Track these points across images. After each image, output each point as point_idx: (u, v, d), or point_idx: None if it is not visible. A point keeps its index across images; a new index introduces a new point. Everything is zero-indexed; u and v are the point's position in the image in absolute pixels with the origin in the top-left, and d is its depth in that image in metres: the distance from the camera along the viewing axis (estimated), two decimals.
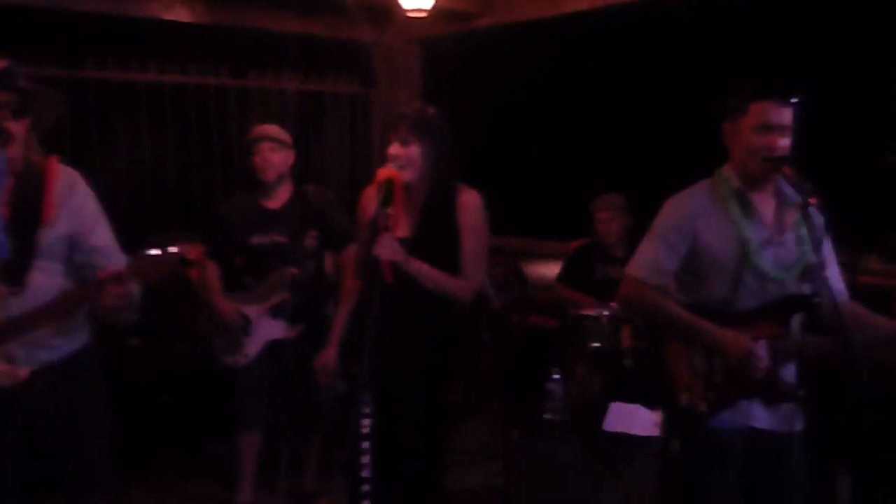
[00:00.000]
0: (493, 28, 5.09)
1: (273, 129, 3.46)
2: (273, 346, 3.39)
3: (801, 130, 2.31)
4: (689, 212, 2.37)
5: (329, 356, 2.97)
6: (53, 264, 2.33)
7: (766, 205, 2.35)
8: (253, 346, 3.38)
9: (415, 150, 2.66)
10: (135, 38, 4.70)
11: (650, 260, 2.39)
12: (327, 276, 3.54)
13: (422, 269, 2.67)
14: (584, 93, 4.82)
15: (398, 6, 4.32)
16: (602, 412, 3.77)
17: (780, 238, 2.33)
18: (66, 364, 2.38)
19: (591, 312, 4.11)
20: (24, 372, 2.25)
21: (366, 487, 2.76)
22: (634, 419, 3.65)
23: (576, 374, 4.19)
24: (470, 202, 2.71)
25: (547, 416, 4.00)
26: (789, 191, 2.30)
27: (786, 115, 2.25)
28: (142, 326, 3.97)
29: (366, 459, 2.73)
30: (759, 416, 2.33)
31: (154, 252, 2.18)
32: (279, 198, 3.43)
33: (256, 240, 3.36)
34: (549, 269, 4.70)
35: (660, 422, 3.38)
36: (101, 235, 2.40)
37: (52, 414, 2.38)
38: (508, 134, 5.16)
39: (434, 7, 4.35)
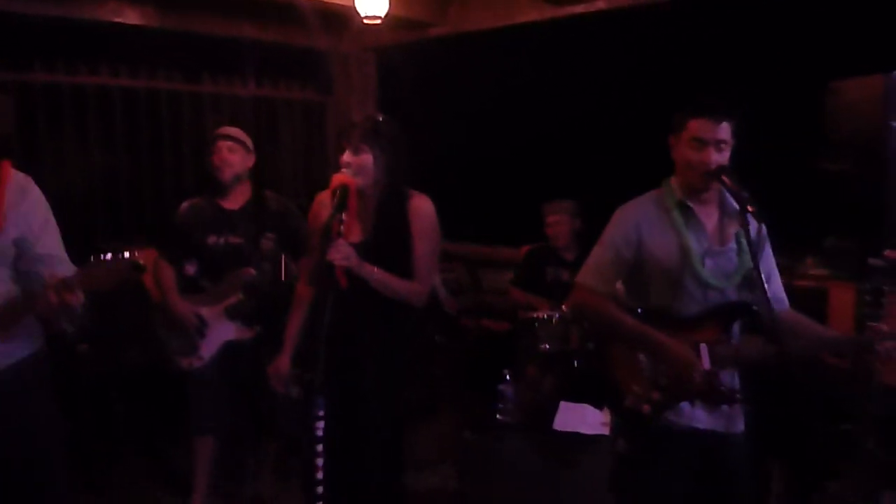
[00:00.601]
0: (447, 37, 5.17)
1: (234, 130, 3.47)
2: (229, 348, 3.38)
3: (741, 140, 2.43)
4: (636, 221, 2.47)
5: (282, 363, 2.95)
6: (3, 269, 2.30)
7: (708, 215, 2.46)
8: (208, 348, 3.36)
9: (367, 158, 2.71)
10: (84, 42, 4.64)
11: (598, 268, 2.49)
12: (284, 280, 3.54)
13: (374, 274, 2.71)
14: (536, 101, 4.93)
15: (354, 13, 4.35)
16: (553, 412, 3.86)
17: (722, 248, 2.44)
18: (15, 372, 2.34)
19: (542, 315, 4.20)
20: None
21: (320, 490, 2.79)
22: (583, 418, 3.75)
23: (527, 376, 4.27)
24: (422, 207, 2.77)
25: (499, 416, 4.07)
26: (731, 201, 2.40)
27: (721, 131, 2.35)
28: (91, 332, 3.91)
29: (320, 462, 2.76)
30: (701, 418, 2.42)
31: (106, 258, 2.17)
32: (237, 199, 3.43)
33: (212, 240, 3.35)
34: (502, 275, 4.78)
35: (608, 421, 3.48)
36: (49, 244, 2.37)
37: (4, 425, 2.32)
38: (463, 141, 5.23)
39: (389, 15, 4.40)
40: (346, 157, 2.72)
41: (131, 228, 4.87)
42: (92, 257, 2.17)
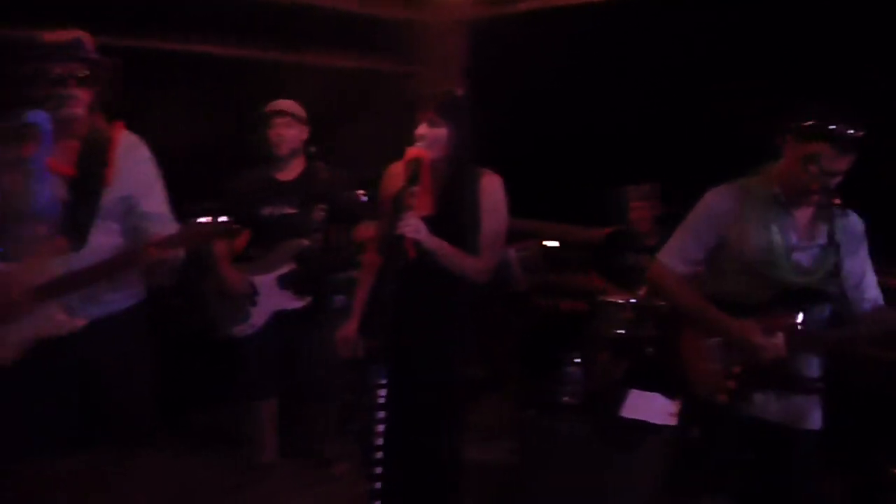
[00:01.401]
0: (537, 11, 5.07)
1: (289, 104, 3.54)
2: (279, 317, 3.44)
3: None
4: (724, 208, 2.45)
5: (350, 329, 3.00)
6: (112, 224, 2.47)
7: (802, 211, 2.41)
8: (259, 316, 3.43)
9: (441, 132, 2.72)
10: (196, 12, 4.77)
11: (678, 248, 2.51)
12: (334, 250, 3.59)
13: (441, 248, 2.72)
14: (629, 78, 4.77)
15: None
16: (621, 398, 3.80)
17: (811, 243, 2.39)
18: (119, 318, 2.52)
19: (618, 299, 4.13)
20: (79, 322, 2.39)
21: (378, 455, 2.85)
22: (652, 407, 3.67)
23: (598, 360, 4.22)
24: (491, 185, 2.77)
25: (564, 398, 4.05)
26: (829, 201, 2.34)
27: (842, 164, 2.28)
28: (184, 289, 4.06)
29: (380, 429, 2.82)
30: (773, 410, 2.39)
31: (204, 220, 2.36)
32: (291, 171, 3.52)
33: (267, 211, 3.44)
34: (579, 255, 4.72)
35: (676, 411, 3.41)
36: (154, 202, 2.53)
37: (104, 365, 2.51)
38: (549, 117, 5.14)
39: None
40: (422, 129, 2.74)
41: (209, 193, 5.02)
42: (190, 219, 2.37)
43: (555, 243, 4.89)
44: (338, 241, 3.58)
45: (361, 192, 3.83)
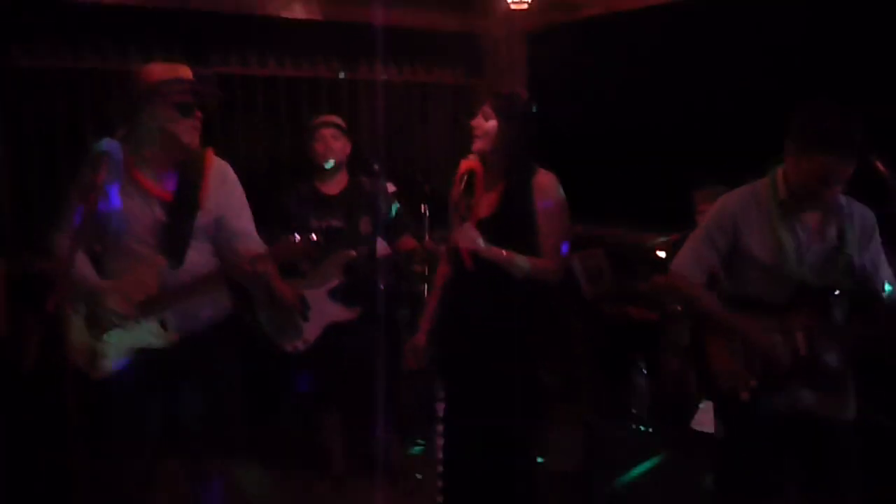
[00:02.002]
0: (598, 18, 5.03)
1: (335, 118, 3.61)
2: (332, 330, 3.49)
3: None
4: (734, 215, 2.47)
5: (418, 339, 3.03)
6: (204, 244, 2.65)
7: (812, 212, 2.42)
8: (312, 331, 3.48)
9: (492, 125, 2.76)
10: (253, 35, 4.98)
11: (693, 255, 2.54)
12: (380, 261, 3.63)
13: (501, 256, 2.74)
14: (692, 83, 4.68)
15: None
16: (692, 410, 3.71)
17: (823, 244, 2.39)
18: (210, 333, 2.68)
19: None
20: (173, 336, 2.56)
21: (440, 469, 2.88)
22: None
23: (670, 370, 4.12)
24: (545, 183, 2.79)
25: (633, 409, 3.98)
26: (836, 199, 2.40)
27: (847, 172, 2.27)
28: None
29: (441, 442, 2.85)
30: (806, 401, 2.40)
31: (296, 237, 2.55)
32: (337, 184, 3.58)
33: (315, 224, 3.50)
34: (648, 262, 4.62)
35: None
36: (244, 222, 2.72)
37: (194, 378, 2.66)
38: (612, 124, 5.08)
39: None
40: (476, 121, 2.79)
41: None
42: (284, 236, 2.58)
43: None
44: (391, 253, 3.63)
45: (423, 206, 3.88)
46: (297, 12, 4.91)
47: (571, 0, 4.97)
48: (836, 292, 2.41)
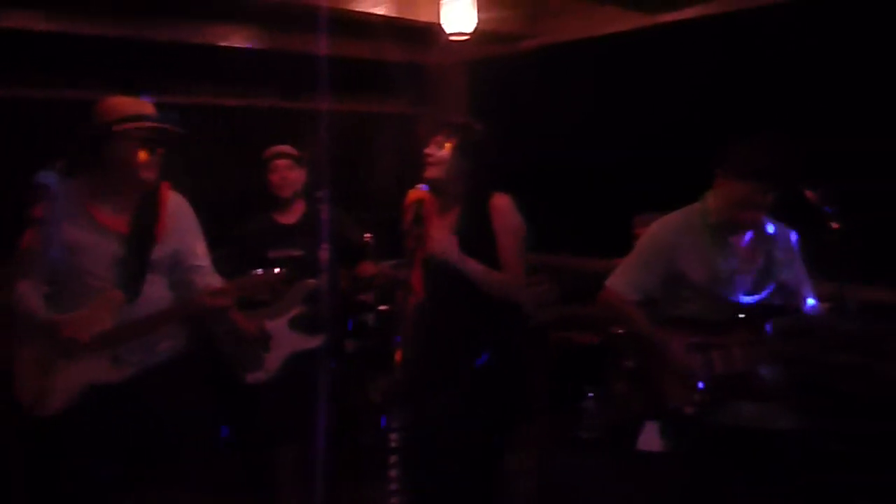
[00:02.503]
0: (537, 49, 5.16)
1: (289, 148, 3.60)
2: (294, 359, 3.46)
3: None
4: (669, 240, 2.61)
5: (388, 380, 3.02)
6: (161, 278, 2.64)
7: (741, 235, 2.57)
8: (274, 361, 3.45)
9: (446, 154, 2.79)
10: (192, 64, 4.92)
11: (628, 275, 2.67)
12: (342, 289, 3.63)
13: (472, 266, 2.75)
14: (626, 111, 4.84)
15: (442, 30, 4.42)
16: (638, 431, 3.77)
17: (752, 265, 2.57)
18: (167, 367, 2.66)
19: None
20: (125, 372, 2.54)
21: (394, 500, 2.84)
22: None
23: (615, 393, 4.19)
24: (502, 204, 2.83)
25: (582, 433, 4.02)
26: (763, 223, 2.56)
27: (767, 198, 2.46)
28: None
29: (394, 473, 2.82)
30: (747, 415, 2.52)
31: (259, 272, 2.60)
32: (294, 213, 3.57)
33: (273, 254, 3.48)
34: (591, 287, 4.71)
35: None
36: (200, 256, 2.72)
37: (149, 413, 2.61)
38: (551, 152, 5.20)
39: (478, 29, 4.44)
40: (429, 149, 2.82)
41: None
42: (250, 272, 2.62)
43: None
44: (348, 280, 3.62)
45: (368, 235, 3.89)
46: (237, 41, 4.88)
47: (510, 32, 5.07)
48: (771, 310, 2.54)
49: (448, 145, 2.81)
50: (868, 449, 2.80)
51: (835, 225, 2.31)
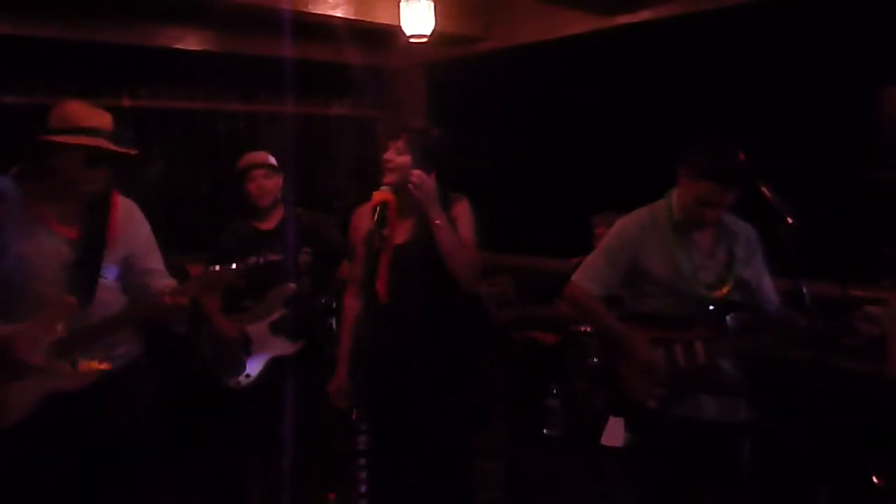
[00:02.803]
0: (494, 51, 5.21)
1: (263, 156, 3.58)
2: (275, 363, 3.46)
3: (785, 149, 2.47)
4: (634, 236, 2.65)
5: (339, 377, 2.98)
6: (113, 282, 2.61)
7: (703, 232, 2.64)
8: (255, 366, 3.45)
9: (406, 160, 2.80)
10: (147, 67, 4.85)
11: (593, 271, 2.68)
12: (324, 292, 3.63)
13: (442, 222, 2.73)
14: (583, 113, 4.92)
15: (401, 32, 4.44)
16: (602, 427, 3.84)
17: (713, 260, 2.62)
18: (125, 371, 2.62)
19: (590, 328, 4.18)
20: (87, 377, 2.49)
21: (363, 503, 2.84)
22: None
23: (576, 390, 4.25)
24: (460, 211, 2.84)
25: (546, 431, 4.07)
26: (724, 220, 2.63)
27: (728, 197, 2.52)
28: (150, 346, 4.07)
29: (364, 476, 2.82)
30: (708, 408, 2.57)
31: (215, 268, 2.56)
32: (272, 219, 3.56)
33: (253, 260, 3.46)
34: (550, 286, 4.77)
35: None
36: (152, 259, 2.70)
37: (111, 417, 2.58)
38: (509, 153, 5.26)
39: (436, 32, 4.47)
40: (388, 154, 2.82)
41: (189, 242, 5.03)
42: (206, 267, 2.59)
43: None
44: (325, 282, 3.62)
45: None
46: (192, 43, 4.82)
47: (468, 34, 5.12)
48: (732, 305, 2.59)
49: (406, 150, 2.81)
50: (823, 442, 2.89)
51: (790, 220, 2.38)
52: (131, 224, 2.67)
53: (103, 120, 2.52)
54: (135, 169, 4.85)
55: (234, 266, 2.56)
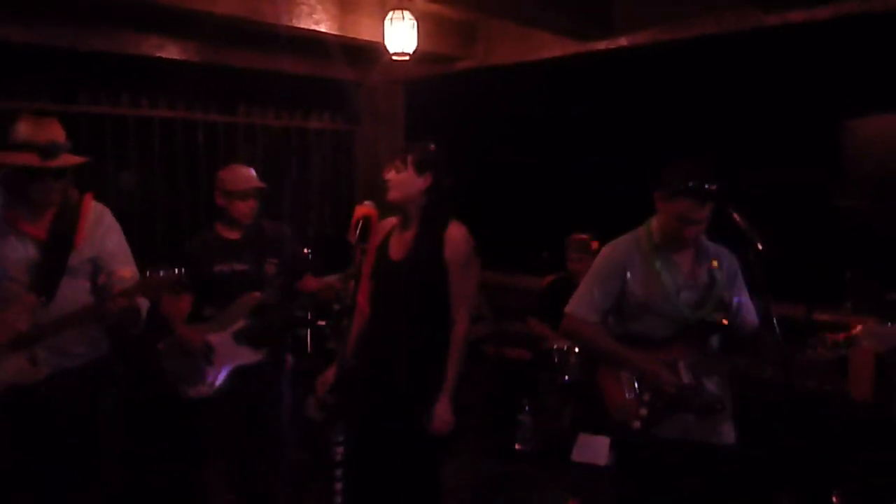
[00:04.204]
0: (473, 70, 5.30)
1: (255, 179, 3.56)
2: (237, 373, 3.44)
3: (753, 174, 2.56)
4: (620, 260, 2.72)
5: (329, 374, 2.97)
6: (79, 282, 2.71)
7: (683, 255, 2.71)
8: (217, 375, 3.42)
9: (405, 177, 2.86)
10: (127, 75, 4.84)
11: (586, 299, 2.74)
12: (296, 305, 3.65)
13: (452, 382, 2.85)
14: (558, 133, 5.02)
15: (383, 49, 4.49)
16: (571, 443, 3.90)
17: (695, 282, 2.69)
18: (87, 371, 2.71)
19: (562, 346, 4.25)
20: (41, 372, 2.59)
21: None
22: (600, 450, 3.78)
23: (547, 406, 4.32)
24: (455, 236, 2.88)
25: (517, 446, 4.13)
26: (704, 241, 2.72)
27: (704, 212, 2.60)
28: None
29: (338, 486, 2.84)
30: (692, 429, 2.61)
31: (158, 272, 2.59)
32: (239, 229, 3.57)
33: (218, 268, 3.47)
34: (522, 303, 4.84)
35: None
36: (120, 262, 2.77)
37: (70, 416, 2.67)
38: (485, 171, 5.33)
39: (417, 50, 4.53)
40: (388, 173, 2.89)
41: (167, 251, 5.01)
42: (147, 272, 2.62)
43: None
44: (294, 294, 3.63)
45: (306, 249, 3.90)
46: (173, 53, 4.82)
47: (448, 53, 5.19)
48: (714, 326, 2.67)
49: (406, 167, 2.86)
50: (789, 459, 2.97)
51: (759, 246, 2.46)
52: (100, 228, 2.75)
53: (41, 134, 2.59)
54: (112, 176, 4.88)
55: (177, 271, 2.60)
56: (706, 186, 2.53)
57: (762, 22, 3.78)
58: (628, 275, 2.67)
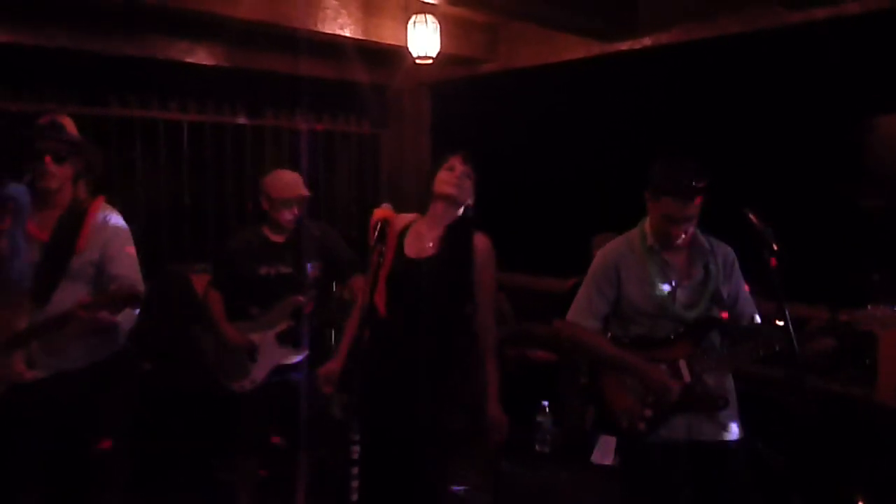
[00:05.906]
0: (497, 73, 5.31)
1: (294, 187, 3.58)
2: (279, 372, 3.54)
3: (776, 176, 2.53)
4: (615, 264, 2.74)
5: (333, 366, 3.02)
6: (80, 286, 2.71)
7: (677, 254, 2.72)
8: (259, 372, 3.53)
9: (469, 184, 2.92)
10: (157, 80, 4.94)
11: (584, 306, 2.76)
12: (333, 306, 3.72)
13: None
14: (582, 134, 5.01)
15: (406, 52, 4.53)
16: (592, 445, 3.89)
17: (690, 281, 2.69)
18: (86, 373, 2.72)
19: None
20: (29, 374, 2.63)
21: None
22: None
23: (569, 407, 4.30)
24: (484, 242, 2.91)
25: (537, 447, 4.12)
26: (699, 240, 2.72)
27: (690, 209, 2.61)
28: (153, 351, 4.13)
29: (355, 485, 2.86)
30: (697, 428, 2.62)
31: (112, 288, 2.64)
32: (283, 232, 3.62)
33: (264, 271, 3.55)
34: (547, 305, 4.82)
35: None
36: (122, 266, 2.76)
37: (68, 414, 2.69)
38: (510, 172, 5.33)
39: (441, 53, 4.56)
40: (455, 173, 2.91)
41: (194, 253, 5.11)
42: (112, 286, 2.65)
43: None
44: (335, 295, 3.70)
45: None
46: (202, 58, 4.91)
47: (472, 56, 5.21)
48: (712, 323, 2.67)
49: (464, 168, 2.90)
50: (800, 458, 2.92)
51: (775, 246, 2.43)
52: (104, 232, 2.77)
53: (43, 121, 2.70)
54: (141, 178, 4.98)
55: (140, 289, 2.67)
56: (693, 184, 2.52)
57: (787, 19, 3.74)
58: (623, 277, 2.68)
